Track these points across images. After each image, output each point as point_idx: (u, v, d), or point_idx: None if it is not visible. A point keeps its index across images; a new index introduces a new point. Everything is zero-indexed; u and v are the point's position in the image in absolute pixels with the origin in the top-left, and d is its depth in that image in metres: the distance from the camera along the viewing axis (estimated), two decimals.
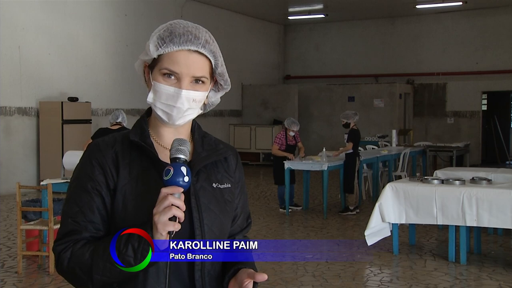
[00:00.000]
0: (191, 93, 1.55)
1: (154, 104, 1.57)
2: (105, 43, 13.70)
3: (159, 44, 1.54)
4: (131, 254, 1.42)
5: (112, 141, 1.59)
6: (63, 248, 1.50)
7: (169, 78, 1.54)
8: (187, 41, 1.53)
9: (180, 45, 1.53)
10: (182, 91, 1.53)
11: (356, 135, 9.31)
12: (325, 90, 19.04)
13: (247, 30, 19.05)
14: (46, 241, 6.15)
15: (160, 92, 1.55)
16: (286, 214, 9.30)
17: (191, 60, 1.54)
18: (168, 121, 1.57)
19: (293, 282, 5.73)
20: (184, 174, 1.43)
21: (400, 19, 19.08)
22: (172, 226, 1.39)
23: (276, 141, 9.40)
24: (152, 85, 1.57)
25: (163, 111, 1.56)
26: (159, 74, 1.55)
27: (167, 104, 1.55)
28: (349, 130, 9.37)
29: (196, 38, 1.55)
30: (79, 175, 1.57)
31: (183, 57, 1.54)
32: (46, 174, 11.00)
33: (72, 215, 1.53)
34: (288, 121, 9.50)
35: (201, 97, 1.58)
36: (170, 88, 1.54)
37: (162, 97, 1.55)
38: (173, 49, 1.53)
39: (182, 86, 1.53)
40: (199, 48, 1.55)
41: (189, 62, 1.54)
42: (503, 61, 17.32)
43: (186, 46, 1.54)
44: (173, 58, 1.53)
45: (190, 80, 1.55)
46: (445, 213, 6.23)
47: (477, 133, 18.01)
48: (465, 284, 5.77)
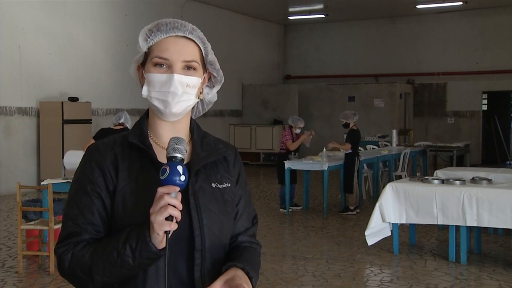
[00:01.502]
0: (183, 77, 1.55)
1: (149, 95, 1.57)
2: (105, 43, 13.71)
3: (147, 35, 1.57)
4: (129, 254, 1.42)
5: (112, 143, 1.60)
6: (64, 250, 1.51)
7: (161, 68, 1.55)
8: (174, 28, 1.57)
9: (168, 32, 1.56)
10: (174, 75, 1.54)
11: (355, 135, 9.31)
12: (325, 90, 19.04)
13: (247, 30, 19.05)
14: (47, 241, 6.15)
15: (154, 81, 1.56)
16: (286, 214, 9.30)
17: (180, 45, 1.56)
18: (165, 109, 1.56)
19: (293, 282, 5.73)
20: (180, 173, 1.42)
21: (400, 19, 19.08)
22: (168, 226, 1.38)
23: (287, 138, 9.44)
24: (145, 79, 1.58)
25: (158, 99, 1.56)
26: (151, 65, 1.57)
27: (162, 91, 1.55)
28: (349, 131, 9.37)
29: (183, 25, 1.58)
30: (79, 178, 1.58)
31: (172, 43, 1.56)
32: (46, 174, 11.00)
33: (72, 218, 1.54)
34: (293, 119, 9.58)
35: (195, 82, 1.58)
36: (163, 76, 1.55)
37: (156, 86, 1.56)
38: (161, 37, 1.56)
39: (174, 71, 1.55)
40: (186, 33, 1.57)
41: (178, 47, 1.56)
42: (503, 61, 17.32)
43: (174, 32, 1.56)
44: (162, 45, 1.56)
45: (182, 66, 1.56)
46: (445, 213, 6.23)
47: (477, 133, 18.01)
48: (465, 284, 5.76)
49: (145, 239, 1.41)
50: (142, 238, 1.41)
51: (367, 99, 18.09)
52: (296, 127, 9.48)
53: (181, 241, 1.52)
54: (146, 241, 1.41)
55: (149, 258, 1.43)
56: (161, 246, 1.41)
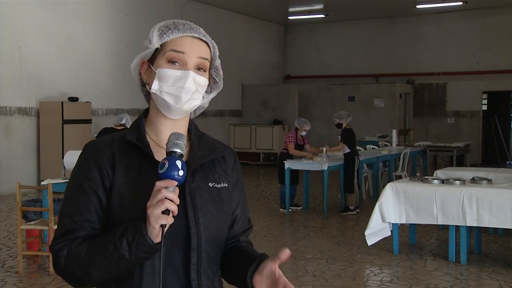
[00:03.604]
0: (197, 76, 1.57)
1: (160, 90, 1.57)
2: (105, 43, 13.71)
3: (164, 31, 1.57)
4: (126, 247, 1.43)
5: (110, 141, 1.60)
6: (60, 247, 1.51)
7: (174, 64, 1.56)
8: (190, 29, 1.59)
9: (185, 32, 1.57)
10: (190, 72, 1.56)
11: (349, 134, 9.32)
12: (325, 90, 19.04)
13: (247, 30, 19.05)
14: (47, 241, 6.15)
15: (167, 76, 1.56)
16: (286, 214, 9.30)
17: (196, 44, 1.59)
18: (176, 105, 1.56)
19: (293, 282, 5.69)
20: (179, 168, 1.43)
21: (400, 19, 19.08)
22: (165, 219, 1.39)
23: (290, 140, 9.41)
24: (155, 74, 1.57)
25: (170, 94, 1.56)
26: (164, 60, 1.57)
27: (175, 87, 1.55)
28: (342, 130, 9.38)
29: (198, 28, 1.61)
30: (76, 175, 1.58)
31: (188, 41, 1.58)
32: (46, 174, 11.00)
33: (69, 215, 1.54)
34: (299, 121, 9.56)
35: (205, 82, 1.60)
36: (177, 71, 1.56)
37: (169, 81, 1.56)
38: (178, 35, 1.57)
39: (189, 68, 1.56)
40: (201, 36, 1.60)
41: (195, 45, 1.58)
42: (503, 61, 17.31)
43: (190, 33, 1.58)
44: (178, 42, 1.57)
45: (195, 64, 1.57)
46: (445, 213, 6.23)
47: (477, 133, 18.01)
48: (465, 284, 5.76)
49: (142, 233, 1.41)
50: (138, 231, 1.42)
51: (367, 99, 18.09)
52: (302, 129, 9.46)
53: (178, 240, 1.52)
54: (142, 235, 1.41)
55: (146, 251, 1.43)
56: (157, 240, 1.41)
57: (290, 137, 9.48)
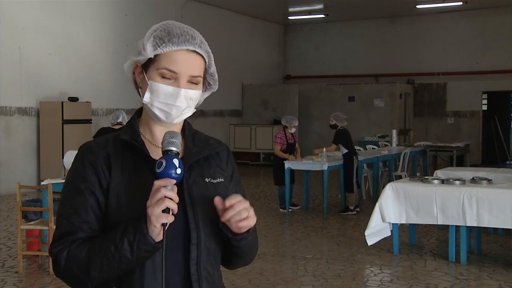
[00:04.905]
0: (189, 92, 1.57)
1: (151, 103, 1.58)
2: (105, 43, 13.71)
3: (158, 44, 1.56)
4: (127, 247, 1.43)
5: (104, 142, 1.61)
6: (60, 249, 1.51)
7: (167, 79, 1.56)
8: (185, 41, 1.56)
9: (179, 45, 1.55)
10: (181, 90, 1.55)
11: (343, 135, 9.32)
12: (325, 90, 19.04)
13: (247, 30, 19.05)
14: (47, 241, 6.15)
15: (158, 91, 1.56)
16: (286, 214, 9.30)
17: (190, 60, 1.57)
18: (166, 120, 1.59)
19: (293, 282, 5.73)
20: (176, 166, 1.44)
21: (400, 19, 19.08)
22: (165, 218, 1.40)
23: (277, 141, 9.39)
24: (148, 85, 1.57)
25: (161, 110, 1.57)
26: (157, 74, 1.56)
27: (166, 103, 1.56)
28: (336, 131, 9.38)
29: (193, 38, 1.58)
30: (72, 177, 1.58)
31: (182, 57, 1.56)
32: (46, 174, 11.00)
33: (67, 217, 1.54)
34: (286, 118, 9.51)
35: (197, 95, 1.61)
36: (169, 87, 1.56)
37: (160, 97, 1.56)
38: (172, 49, 1.55)
39: (181, 85, 1.56)
40: (196, 48, 1.58)
41: (188, 62, 1.56)
42: (503, 61, 17.31)
43: (185, 46, 1.56)
44: (172, 57, 1.55)
45: (187, 80, 1.57)
46: (445, 213, 6.23)
47: (477, 133, 18.01)
48: (465, 284, 5.76)
49: (143, 232, 1.42)
50: (139, 231, 1.42)
51: (367, 99, 18.09)
52: (291, 126, 9.42)
53: (177, 235, 1.53)
54: (143, 234, 1.42)
55: (147, 251, 1.44)
56: (158, 238, 1.42)
57: (278, 138, 9.44)
